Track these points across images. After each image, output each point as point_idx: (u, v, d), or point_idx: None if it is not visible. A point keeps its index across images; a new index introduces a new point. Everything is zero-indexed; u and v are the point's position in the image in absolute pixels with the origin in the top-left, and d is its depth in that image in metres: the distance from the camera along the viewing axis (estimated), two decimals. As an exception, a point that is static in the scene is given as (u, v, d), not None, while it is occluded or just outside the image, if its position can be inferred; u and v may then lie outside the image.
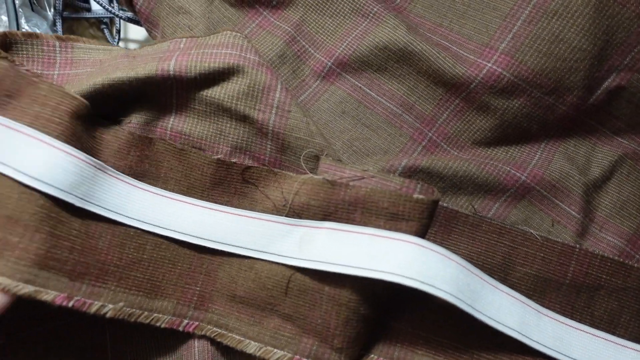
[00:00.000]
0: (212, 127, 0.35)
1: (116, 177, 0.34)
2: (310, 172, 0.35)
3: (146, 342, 0.36)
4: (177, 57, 0.34)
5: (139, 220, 0.35)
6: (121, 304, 0.33)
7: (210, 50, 0.34)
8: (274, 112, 0.34)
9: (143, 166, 0.35)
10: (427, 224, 0.33)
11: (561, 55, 0.35)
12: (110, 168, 0.34)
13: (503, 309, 0.34)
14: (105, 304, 0.32)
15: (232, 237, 0.35)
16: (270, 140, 0.35)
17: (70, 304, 0.31)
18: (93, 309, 0.32)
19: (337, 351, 0.32)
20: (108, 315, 0.32)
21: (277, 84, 0.34)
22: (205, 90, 0.34)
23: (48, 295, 0.30)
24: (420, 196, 0.32)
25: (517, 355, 0.33)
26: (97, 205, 0.33)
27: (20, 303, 0.30)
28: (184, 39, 0.36)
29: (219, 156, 0.35)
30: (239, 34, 0.35)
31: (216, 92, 0.34)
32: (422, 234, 0.33)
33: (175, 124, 0.35)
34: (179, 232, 0.35)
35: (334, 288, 0.32)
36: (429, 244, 0.31)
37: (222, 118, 0.35)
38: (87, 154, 0.32)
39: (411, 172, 0.36)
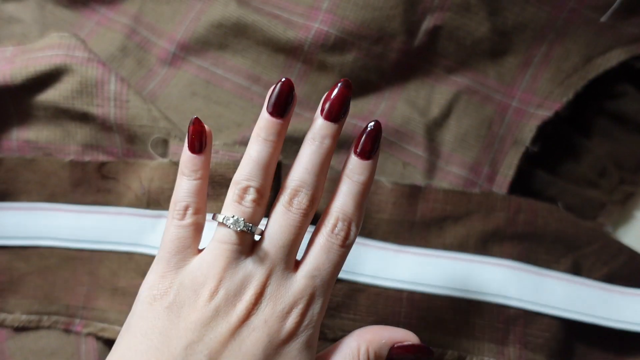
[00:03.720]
0: (58, 130, 0.32)
1: None
2: (161, 157, 0.32)
3: None
4: (0, 67, 0.31)
5: (16, 238, 0.32)
6: (18, 313, 0.31)
7: (36, 54, 0.31)
8: (112, 104, 0.31)
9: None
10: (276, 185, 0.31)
11: (377, 5, 0.32)
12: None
13: (359, 259, 0.33)
14: (5, 315, 0.31)
15: (104, 236, 0.32)
16: (117, 132, 0.32)
17: None
18: None
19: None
20: (9, 324, 0.31)
21: (111, 76, 0.31)
22: (39, 95, 0.31)
23: None
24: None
25: (374, 296, 0.32)
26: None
27: None
28: (11, 48, 0.32)
29: (71, 157, 0.32)
30: (67, 34, 0.32)
31: (50, 95, 0.31)
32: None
33: (20, 134, 0.32)
34: (54, 239, 0.33)
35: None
36: None
37: (65, 119, 0.32)
38: None
39: (263, 140, 0.34)
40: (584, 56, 0.34)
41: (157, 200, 0.32)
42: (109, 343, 0.32)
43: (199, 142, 0.22)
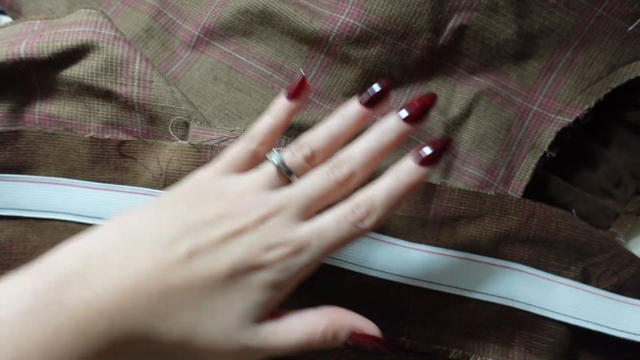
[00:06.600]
0: (80, 106, 0.32)
1: None
2: (181, 139, 0.32)
3: None
4: (28, 39, 0.31)
5: (32, 210, 0.33)
6: None
7: (63, 29, 0.31)
8: (135, 84, 0.31)
9: (19, 159, 0.32)
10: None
11: (404, 1, 0.32)
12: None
13: (370, 253, 0.32)
14: None
15: (119, 213, 0.33)
16: (138, 112, 0.32)
17: None
18: None
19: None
20: None
21: (136, 56, 0.31)
22: (64, 70, 0.31)
23: None
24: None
25: (383, 290, 0.32)
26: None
27: None
28: (38, 21, 0.32)
29: (91, 134, 0.32)
30: (95, 11, 0.32)
31: (75, 71, 0.31)
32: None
33: (42, 108, 0.32)
34: (69, 214, 0.33)
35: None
36: None
37: (87, 96, 0.32)
38: None
39: (282, 129, 0.34)
40: (608, 64, 0.34)
41: (174, 182, 0.32)
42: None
43: (297, 92, 0.25)
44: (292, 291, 0.23)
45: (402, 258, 0.33)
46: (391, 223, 0.33)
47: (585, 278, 0.33)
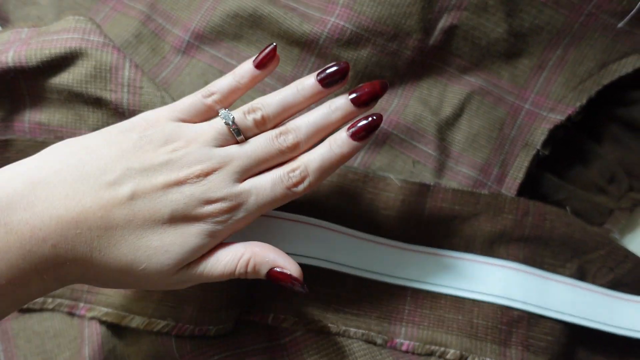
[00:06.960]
0: (70, 114, 0.32)
1: None
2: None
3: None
4: (16, 48, 0.30)
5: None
6: None
7: (51, 37, 0.31)
8: (125, 90, 0.31)
9: None
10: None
11: (394, 2, 0.32)
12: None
13: (365, 255, 0.32)
14: None
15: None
16: (129, 118, 0.32)
17: None
18: None
19: (215, 312, 0.30)
20: None
21: (125, 62, 0.31)
22: (53, 78, 0.31)
23: None
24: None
25: (379, 292, 0.32)
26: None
27: None
28: (26, 29, 0.32)
29: (82, 141, 0.32)
30: (83, 18, 0.32)
31: (64, 79, 0.31)
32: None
33: (32, 116, 0.32)
34: None
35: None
36: None
37: (77, 103, 0.32)
38: None
39: (274, 133, 0.34)
40: (599, 61, 0.34)
41: None
42: (112, 327, 0.31)
43: (265, 63, 0.26)
44: (226, 238, 0.25)
45: (397, 259, 0.33)
46: (387, 224, 0.33)
47: (581, 275, 0.33)
